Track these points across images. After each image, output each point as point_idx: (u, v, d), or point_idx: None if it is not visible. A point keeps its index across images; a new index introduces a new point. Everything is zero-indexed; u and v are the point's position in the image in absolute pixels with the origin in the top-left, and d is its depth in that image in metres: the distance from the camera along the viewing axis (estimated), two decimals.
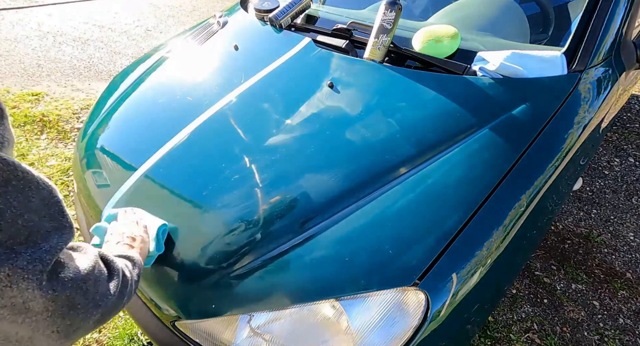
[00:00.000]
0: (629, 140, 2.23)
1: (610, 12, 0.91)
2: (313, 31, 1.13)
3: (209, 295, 0.65)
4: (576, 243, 1.56)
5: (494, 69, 0.84)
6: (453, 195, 0.66)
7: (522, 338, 1.21)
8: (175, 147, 0.85)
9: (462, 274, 0.60)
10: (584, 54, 0.87)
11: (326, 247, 0.64)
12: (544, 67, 0.84)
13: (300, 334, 0.60)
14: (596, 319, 1.28)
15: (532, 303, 1.32)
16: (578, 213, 1.72)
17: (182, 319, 0.67)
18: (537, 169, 0.72)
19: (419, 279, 0.58)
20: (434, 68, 0.91)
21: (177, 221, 0.74)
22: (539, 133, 0.74)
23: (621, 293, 1.37)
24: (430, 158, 0.73)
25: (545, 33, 1.07)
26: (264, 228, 0.69)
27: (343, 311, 0.58)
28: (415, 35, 0.98)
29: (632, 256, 1.52)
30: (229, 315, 0.63)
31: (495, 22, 1.07)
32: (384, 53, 0.94)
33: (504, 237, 0.66)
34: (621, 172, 1.98)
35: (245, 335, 0.62)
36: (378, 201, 0.68)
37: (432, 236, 0.62)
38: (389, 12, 0.89)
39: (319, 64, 0.99)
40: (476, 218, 0.63)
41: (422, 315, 0.57)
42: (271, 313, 0.61)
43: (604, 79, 0.91)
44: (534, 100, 0.79)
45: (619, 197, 1.82)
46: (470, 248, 0.62)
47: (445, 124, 0.78)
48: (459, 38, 0.95)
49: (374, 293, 0.58)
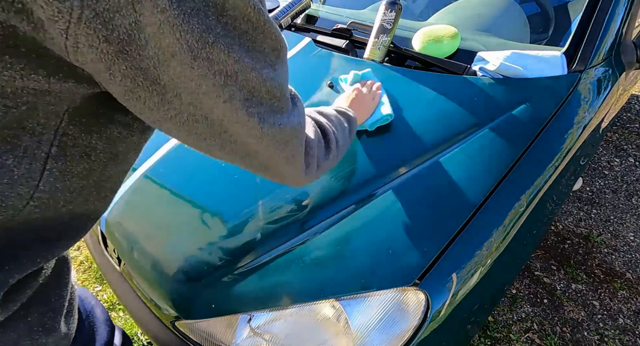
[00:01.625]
0: (629, 140, 2.23)
1: (610, 12, 0.91)
2: (313, 31, 1.13)
3: (208, 295, 0.65)
4: (576, 243, 1.56)
5: (494, 69, 0.84)
6: (453, 195, 0.66)
7: (522, 338, 1.21)
8: (175, 147, 0.85)
9: (462, 274, 0.60)
10: (584, 54, 0.87)
11: (326, 247, 0.64)
12: (544, 67, 0.84)
13: (300, 334, 0.60)
14: (596, 319, 1.28)
15: (532, 303, 1.32)
16: (578, 213, 1.72)
17: (182, 319, 0.67)
18: (537, 169, 0.72)
19: (419, 279, 0.58)
20: (434, 68, 0.91)
21: (177, 220, 0.74)
22: (539, 133, 0.74)
23: (621, 293, 1.37)
24: (430, 158, 0.73)
25: (545, 33, 1.07)
26: (264, 227, 0.69)
27: (343, 311, 0.58)
28: (415, 35, 0.98)
29: (632, 256, 1.52)
30: (229, 315, 0.63)
31: (495, 22, 1.07)
32: (384, 53, 0.94)
33: (504, 237, 0.66)
34: (621, 172, 1.98)
35: (245, 335, 0.62)
36: (378, 201, 0.68)
37: (432, 236, 0.62)
38: (389, 12, 0.89)
39: (319, 64, 0.99)
40: (476, 218, 0.63)
41: (422, 315, 0.57)
42: (271, 313, 0.61)
43: (604, 79, 0.91)
44: (534, 100, 0.79)
45: (619, 197, 1.82)
46: (470, 248, 0.62)
47: (445, 124, 0.78)
48: (459, 38, 0.95)
49: (374, 293, 0.58)
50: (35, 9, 0.20)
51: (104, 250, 0.87)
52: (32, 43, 0.22)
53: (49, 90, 0.24)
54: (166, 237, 0.74)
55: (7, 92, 0.23)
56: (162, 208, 0.77)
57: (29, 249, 0.31)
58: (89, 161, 0.30)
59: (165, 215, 0.76)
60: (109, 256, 0.86)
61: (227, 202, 0.74)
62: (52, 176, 0.28)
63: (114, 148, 0.32)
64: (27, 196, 0.27)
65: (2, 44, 0.21)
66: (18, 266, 0.30)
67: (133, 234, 0.77)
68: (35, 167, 0.27)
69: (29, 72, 0.23)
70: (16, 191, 0.26)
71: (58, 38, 0.21)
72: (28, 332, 0.34)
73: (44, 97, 0.25)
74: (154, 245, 0.74)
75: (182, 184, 0.79)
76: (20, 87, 0.23)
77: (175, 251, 0.71)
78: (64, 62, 0.23)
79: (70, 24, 0.20)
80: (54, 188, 0.29)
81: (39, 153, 0.26)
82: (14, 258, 0.30)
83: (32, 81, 0.23)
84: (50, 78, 0.24)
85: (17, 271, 0.30)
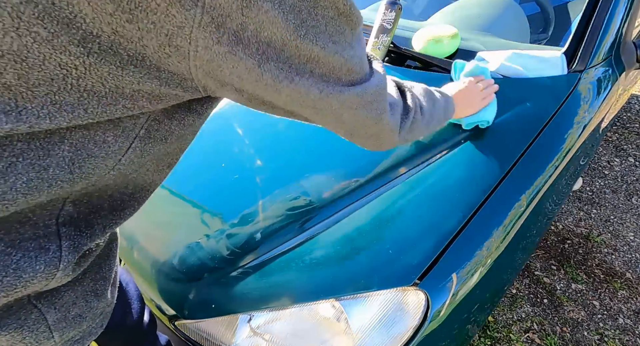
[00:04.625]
0: (629, 140, 2.23)
1: (610, 12, 0.91)
2: None
3: (208, 295, 0.65)
4: (576, 243, 1.56)
5: (494, 69, 0.84)
6: (453, 195, 0.66)
7: (522, 338, 1.21)
8: None
9: (462, 274, 0.60)
10: (584, 54, 0.87)
11: (326, 247, 0.64)
12: (544, 67, 0.84)
13: (300, 334, 0.60)
14: (596, 319, 1.28)
15: (532, 303, 1.32)
16: (578, 213, 1.72)
17: (182, 319, 0.67)
18: (537, 169, 0.72)
19: (419, 279, 0.58)
20: (434, 68, 0.91)
21: (177, 220, 0.74)
22: (539, 133, 0.74)
23: (621, 293, 1.37)
24: (430, 158, 0.73)
25: (545, 33, 1.07)
26: (264, 227, 0.69)
27: (343, 311, 0.58)
28: (415, 35, 0.98)
29: (632, 256, 1.52)
30: (229, 315, 0.63)
31: (495, 22, 1.07)
32: (384, 53, 0.94)
33: (504, 237, 0.66)
34: (621, 172, 1.98)
35: (245, 335, 0.62)
36: (378, 201, 0.68)
37: (432, 236, 0.62)
38: (389, 12, 0.89)
39: None
40: (476, 218, 0.63)
41: (422, 315, 0.57)
42: (271, 313, 0.61)
43: (604, 79, 0.91)
44: (534, 100, 0.79)
45: (619, 197, 1.82)
46: (470, 248, 0.62)
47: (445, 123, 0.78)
48: (459, 38, 0.95)
49: (374, 293, 0.58)
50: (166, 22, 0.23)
51: None
52: (158, 60, 0.26)
53: (159, 95, 0.28)
54: (166, 237, 0.74)
55: (126, 92, 0.27)
56: (162, 207, 0.77)
57: (101, 217, 0.35)
58: (164, 143, 0.34)
59: (165, 215, 0.76)
60: None
61: (227, 202, 0.74)
62: (134, 153, 0.32)
63: (184, 131, 0.35)
64: (111, 166, 0.31)
65: (132, 57, 0.25)
66: (93, 233, 0.34)
67: (133, 233, 0.77)
68: (125, 145, 0.31)
69: (145, 81, 0.26)
70: (105, 163, 0.30)
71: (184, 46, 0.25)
72: (83, 295, 0.38)
73: (153, 98, 0.29)
74: (154, 245, 0.74)
75: (183, 183, 0.79)
76: (137, 90, 0.27)
77: (175, 250, 0.71)
78: (179, 75, 0.27)
79: (192, 30, 0.24)
80: (131, 162, 0.33)
81: (131, 134, 0.30)
82: (90, 225, 0.34)
83: (146, 86, 0.27)
84: (162, 86, 0.28)
85: (90, 239, 0.34)
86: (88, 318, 0.40)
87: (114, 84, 0.26)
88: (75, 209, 0.33)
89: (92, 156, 0.29)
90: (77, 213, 0.33)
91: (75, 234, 0.33)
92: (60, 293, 0.35)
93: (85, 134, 0.28)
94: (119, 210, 0.37)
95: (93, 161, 0.29)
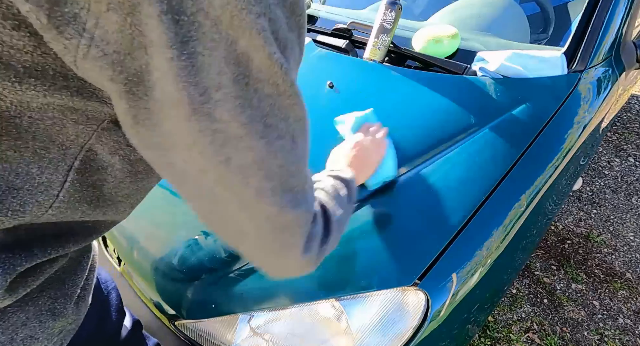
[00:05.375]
0: (629, 140, 2.23)
1: (610, 12, 0.91)
2: (313, 31, 1.13)
3: (208, 295, 0.65)
4: (576, 243, 1.56)
5: (494, 69, 0.84)
6: (453, 195, 0.66)
7: (522, 338, 1.21)
8: None
9: (462, 274, 0.60)
10: (584, 54, 0.87)
11: None
12: (544, 67, 0.84)
13: (300, 334, 0.60)
14: (596, 319, 1.28)
15: (532, 303, 1.32)
16: (578, 213, 1.72)
17: (182, 319, 0.67)
18: (537, 169, 0.72)
19: (419, 279, 0.58)
20: (434, 68, 0.91)
21: (177, 220, 0.74)
22: (539, 133, 0.74)
23: (621, 293, 1.37)
24: (430, 158, 0.73)
25: (545, 33, 1.07)
26: None
27: (343, 311, 0.58)
28: (415, 35, 0.98)
29: (632, 256, 1.52)
30: (229, 315, 0.63)
31: (495, 22, 1.07)
32: (384, 53, 0.94)
33: (504, 237, 0.66)
34: (621, 172, 1.98)
35: (245, 335, 0.62)
36: (378, 201, 0.68)
37: (432, 236, 0.62)
38: (389, 12, 0.89)
39: (319, 64, 0.99)
40: (476, 218, 0.63)
41: (422, 315, 0.57)
42: (271, 313, 0.61)
43: (604, 79, 0.91)
44: (534, 100, 0.79)
45: (619, 197, 1.82)
46: (470, 248, 0.62)
47: (445, 124, 0.78)
48: (459, 38, 0.95)
49: (374, 293, 0.58)
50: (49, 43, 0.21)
51: (104, 250, 0.87)
52: (61, 66, 0.23)
53: (74, 107, 0.25)
54: (166, 237, 0.74)
55: (33, 106, 0.24)
56: (162, 207, 0.77)
57: (42, 242, 0.32)
58: (107, 176, 0.31)
59: (166, 215, 0.76)
60: (109, 256, 0.86)
61: None
62: (72, 187, 0.29)
63: (134, 167, 0.32)
64: (46, 204, 0.28)
65: (30, 69, 0.22)
66: (29, 256, 0.31)
67: (133, 234, 0.77)
68: (56, 178, 0.28)
69: (52, 93, 0.24)
70: (35, 199, 0.27)
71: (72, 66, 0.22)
72: (36, 315, 0.35)
73: (70, 114, 0.26)
74: (154, 245, 0.74)
75: None
76: (45, 103, 0.24)
77: (175, 250, 0.71)
78: (88, 84, 0.24)
79: (76, 59, 0.21)
80: (73, 198, 0.29)
81: (62, 165, 0.27)
82: (27, 248, 0.31)
83: (56, 98, 0.24)
84: (74, 97, 0.25)
85: (27, 261, 0.31)
86: (42, 338, 0.36)
87: (15, 99, 0.23)
88: (6, 237, 0.30)
89: (15, 189, 0.26)
90: (11, 237, 0.30)
91: (7, 257, 0.29)
92: (7, 314, 0.32)
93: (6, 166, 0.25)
94: (68, 236, 0.34)
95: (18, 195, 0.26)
